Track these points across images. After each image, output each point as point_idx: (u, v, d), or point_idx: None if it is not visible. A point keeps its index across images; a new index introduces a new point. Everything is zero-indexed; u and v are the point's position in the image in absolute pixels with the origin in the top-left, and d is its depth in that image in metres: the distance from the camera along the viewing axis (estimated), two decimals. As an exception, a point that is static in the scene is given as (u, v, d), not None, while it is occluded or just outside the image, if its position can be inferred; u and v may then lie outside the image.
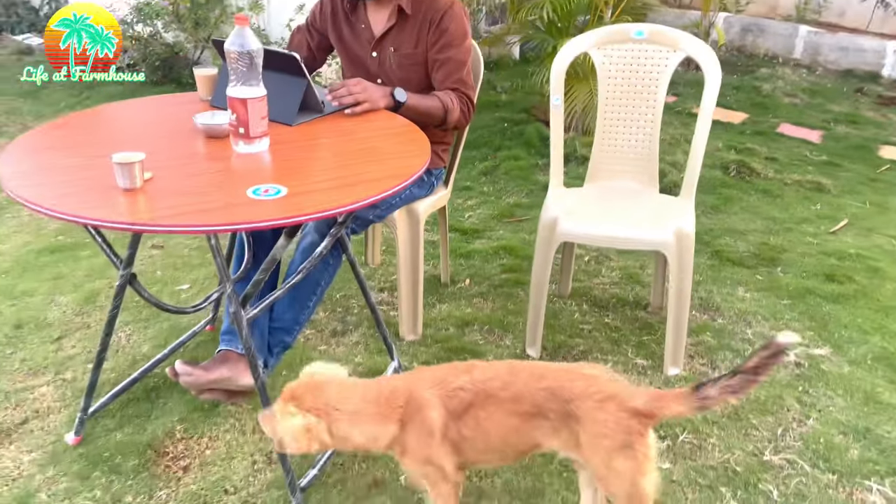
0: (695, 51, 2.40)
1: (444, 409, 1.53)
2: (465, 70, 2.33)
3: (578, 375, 1.55)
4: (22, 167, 1.70)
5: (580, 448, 1.52)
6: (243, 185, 1.61)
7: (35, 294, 2.77)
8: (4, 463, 1.98)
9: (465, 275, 2.99)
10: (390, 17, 2.30)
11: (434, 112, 2.27)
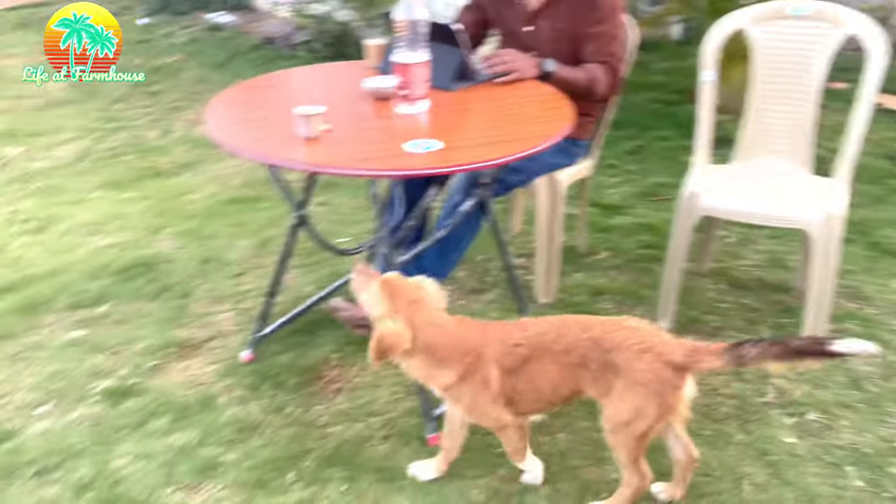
0: (859, 28, 2.33)
1: (501, 368, 1.65)
2: (615, 44, 2.41)
3: (621, 327, 1.64)
4: (220, 119, 2.01)
5: (609, 394, 1.61)
6: (402, 140, 1.82)
7: (219, 237, 3.17)
8: (192, 370, 2.34)
9: (602, 247, 3.07)
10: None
11: (581, 83, 2.37)
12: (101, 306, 2.66)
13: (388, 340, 1.61)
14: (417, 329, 1.63)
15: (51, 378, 2.29)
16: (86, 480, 1.92)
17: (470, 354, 1.66)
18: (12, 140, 4.22)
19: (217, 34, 6.45)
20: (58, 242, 3.10)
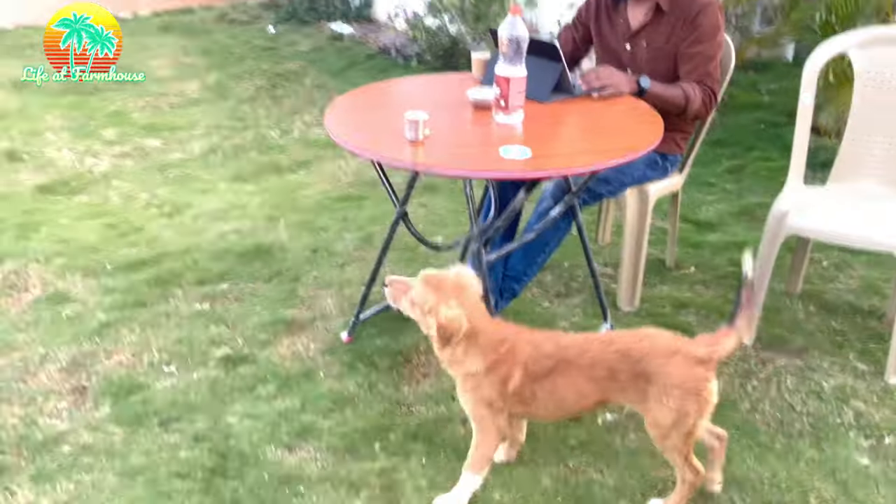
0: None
1: (526, 372, 1.75)
2: (713, 64, 2.48)
3: (644, 336, 1.74)
4: (338, 120, 2.25)
5: (646, 402, 1.70)
6: (498, 146, 1.99)
7: (328, 230, 3.45)
8: (297, 347, 2.59)
9: (691, 262, 3.12)
10: (647, 14, 2.52)
11: (675, 101, 2.45)
12: (222, 284, 2.97)
13: (450, 326, 1.72)
14: (468, 313, 1.74)
15: (177, 342, 2.60)
16: (202, 432, 2.19)
17: (503, 348, 1.76)
18: (153, 133, 4.69)
19: (337, 43, 6.85)
20: (188, 226, 3.47)
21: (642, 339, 1.74)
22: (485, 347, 1.76)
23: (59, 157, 4.26)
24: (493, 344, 1.76)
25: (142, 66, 6.15)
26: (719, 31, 2.49)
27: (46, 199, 3.74)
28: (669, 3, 2.47)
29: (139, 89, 5.58)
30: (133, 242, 3.30)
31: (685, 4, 2.47)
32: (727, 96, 4.88)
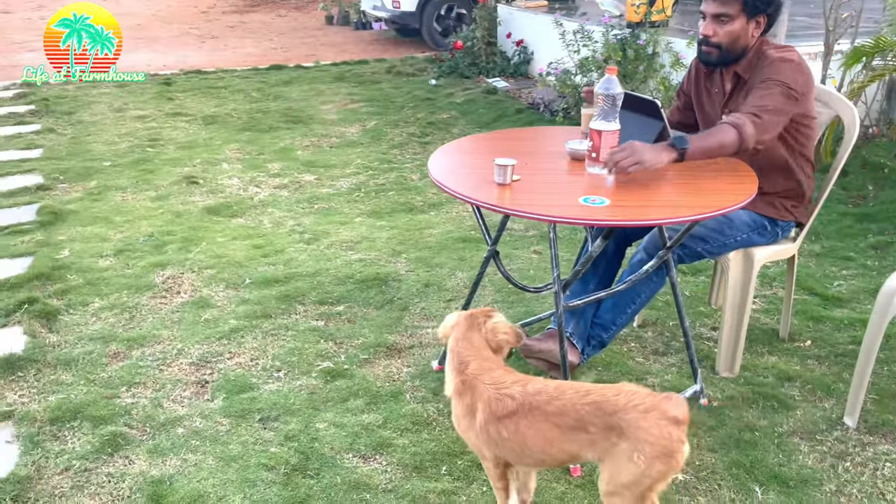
0: None
1: (489, 409, 1.77)
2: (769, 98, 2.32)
3: (619, 391, 1.68)
4: (441, 163, 2.45)
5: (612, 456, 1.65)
6: (579, 194, 2.09)
7: (444, 267, 3.65)
8: (391, 368, 2.79)
9: (808, 336, 2.97)
10: (731, 81, 2.51)
11: (727, 141, 2.27)
12: (339, 306, 3.26)
13: (442, 326, 1.99)
14: (458, 338, 1.92)
15: (289, 352, 2.89)
16: (293, 433, 2.43)
17: (464, 376, 1.85)
18: (310, 169, 5.20)
19: (490, 97, 7.18)
20: (321, 252, 3.82)
21: (619, 393, 1.71)
22: (454, 370, 1.90)
23: (228, 184, 4.85)
24: (457, 369, 1.88)
25: (312, 110, 6.85)
26: (790, 79, 2.35)
27: (210, 220, 4.27)
28: (747, 71, 2.45)
29: (307, 129, 6.21)
30: (272, 262, 3.69)
31: (758, 69, 2.42)
32: (886, 168, 4.61)
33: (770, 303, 3.24)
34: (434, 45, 9.57)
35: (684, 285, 3.43)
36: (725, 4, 2.40)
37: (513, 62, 8.03)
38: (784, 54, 2.44)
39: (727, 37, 2.44)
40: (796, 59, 2.43)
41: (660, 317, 3.14)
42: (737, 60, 2.48)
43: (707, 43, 2.48)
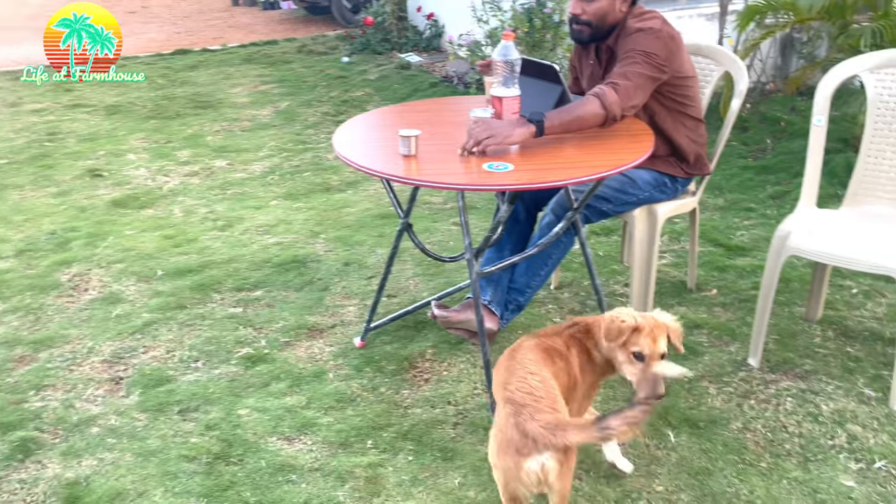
0: (981, 75, 2.24)
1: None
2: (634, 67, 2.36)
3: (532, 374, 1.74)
4: (346, 139, 2.43)
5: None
6: (484, 161, 2.10)
7: (363, 245, 3.63)
8: (313, 349, 2.77)
9: (714, 285, 3.11)
10: (604, 55, 2.58)
11: (589, 113, 2.27)
12: (257, 291, 3.20)
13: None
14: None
15: (206, 342, 2.83)
16: (214, 422, 2.38)
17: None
18: (222, 154, 5.06)
19: (405, 72, 7.13)
20: (236, 238, 3.74)
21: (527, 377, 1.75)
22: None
23: (135, 175, 4.67)
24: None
25: (222, 94, 6.65)
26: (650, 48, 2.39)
27: (118, 213, 4.11)
28: (615, 42, 2.51)
29: (216, 114, 6.03)
30: (185, 252, 3.59)
31: (624, 40, 2.46)
32: (782, 122, 4.84)
33: (678, 256, 3.37)
34: (345, 23, 9.41)
35: (598, 245, 3.53)
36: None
37: (424, 36, 7.98)
38: (643, 24, 2.46)
39: (595, 14, 2.47)
40: (655, 27, 2.44)
41: (575, 277, 3.22)
42: (608, 36, 2.53)
43: (577, 21, 2.51)
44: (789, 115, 4.86)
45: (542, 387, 1.72)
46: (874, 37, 3.68)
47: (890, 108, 2.44)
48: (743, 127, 4.80)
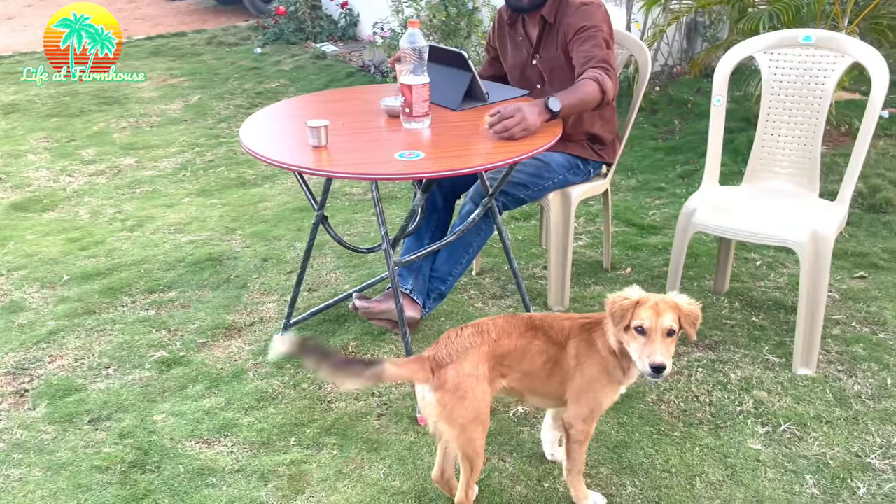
0: (862, 56, 2.38)
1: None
2: (607, 52, 2.46)
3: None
4: (255, 131, 2.36)
5: None
6: (396, 151, 2.09)
7: (282, 239, 3.56)
8: (232, 349, 2.70)
9: (628, 263, 3.20)
10: (538, 27, 2.61)
11: (590, 96, 2.37)
12: (171, 292, 3.10)
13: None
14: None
15: (118, 347, 2.72)
16: (128, 429, 2.29)
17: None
18: (129, 152, 4.86)
19: (320, 62, 7.01)
20: (147, 238, 3.60)
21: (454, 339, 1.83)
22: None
23: (36, 176, 4.43)
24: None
25: (128, 89, 6.38)
26: (603, 23, 2.50)
27: (18, 217, 3.89)
28: (553, 15, 2.56)
29: (123, 110, 5.78)
30: (92, 255, 3.43)
31: (564, 12, 2.53)
32: (689, 103, 5.01)
33: (594, 237, 3.45)
34: (256, 12, 9.17)
35: (517, 230, 3.57)
36: None
37: (340, 25, 7.87)
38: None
39: None
40: (597, 2, 2.54)
41: (496, 263, 3.25)
42: (543, 4, 2.57)
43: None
44: (695, 97, 5.03)
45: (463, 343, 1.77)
46: (771, 20, 3.83)
47: (783, 86, 2.55)
48: (653, 109, 4.94)
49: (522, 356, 1.82)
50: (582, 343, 1.83)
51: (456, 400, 1.72)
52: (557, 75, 2.60)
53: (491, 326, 1.82)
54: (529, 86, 2.69)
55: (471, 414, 1.73)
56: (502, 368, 1.81)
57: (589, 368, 1.83)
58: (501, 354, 1.80)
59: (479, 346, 1.77)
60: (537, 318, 1.88)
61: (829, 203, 2.46)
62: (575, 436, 1.85)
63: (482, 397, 1.75)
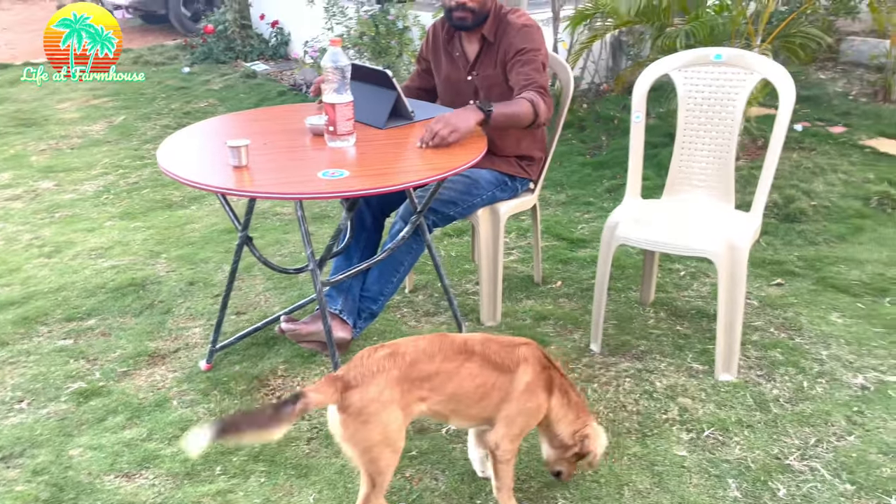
0: (769, 73, 2.49)
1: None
2: (542, 76, 2.54)
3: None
4: (174, 152, 2.31)
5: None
6: (319, 170, 2.07)
7: (210, 262, 3.48)
8: (155, 377, 2.61)
9: (558, 277, 3.24)
10: (477, 45, 2.65)
11: (524, 111, 2.43)
12: (90, 320, 2.98)
13: None
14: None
15: (32, 379, 2.59)
16: (42, 466, 2.18)
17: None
18: (48, 175, 4.68)
19: (251, 81, 6.92)
20: (66, 264, 3.46)
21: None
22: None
23: (-55, 202, 4.22)
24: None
25: (48, 111, 6.16)
26: (541, 46, 2.59)
27: (-76, 245, 3.69)
28: (493, 33, 2.61)
29: (42, 132, 5.58)
30: (6, 283, 3.28)
31: (504, 31, 2.59)
32: (616, 119, 5.14)
33: (525, 252, 3.49)
34: (184, 31, 9.01)
35: (450, 246, 3.58)
36: None
37: (271, 44, 7.80)
38: (524, 20, 2.60)
39: (479, 1, 2.55)
40: (536, 24, 2.62)
41: (429, 280, 3.25)
42: (484, 22, 2.60)
43: (463, 8, 2.56)
44: (621, 113, 5.16)
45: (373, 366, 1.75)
46: (687, 38, 3.98)
47: (697, 103, 2.65)
48: (581, 126, 5.05)
49: (448, 379, 1.81)
50: (538, 382, 1.86)
51: (358, 424, 1.70)
52: (495, 92, 2.63)
53: (409, 349, 1.79)
54: (463, 100, 2.70)
55: (375, 437, 1.72)
56: (421, 392, 1.78)
57: (533, 402, 1.86)
58: (419, 378, 1.78)
59: (388, 370, 1.74)
60: (475, 342, 1.86)
61: (743, 214, 2.55)
62: (501, 455, 1.86)
63: (388, 421, 1.73)
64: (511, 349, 1.87)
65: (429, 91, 2.89)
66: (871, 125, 4.89)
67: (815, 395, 2.37)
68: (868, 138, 4.72)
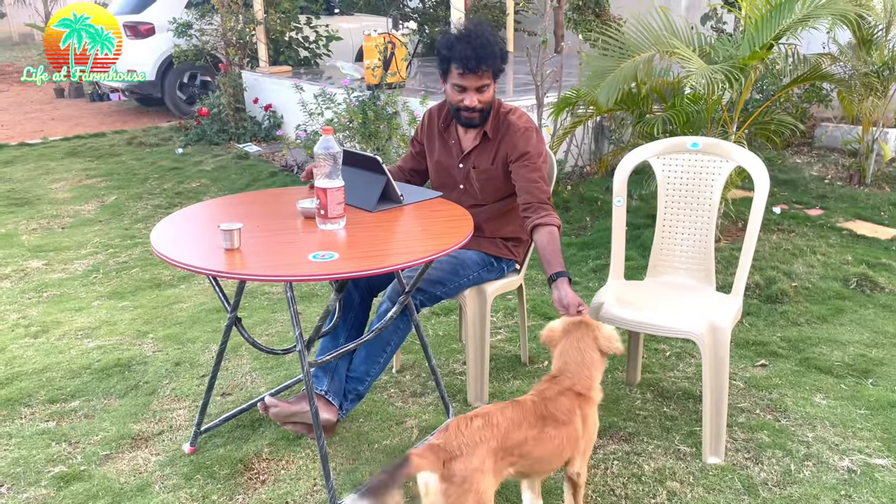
0: (744, 160, 2.60)
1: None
2: (546, 184, 2.67)
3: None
4: (166, 234, 2.36)
5: None
6: (310, 251, 2.12)
7: (196, 342, 3.47)
8: (137, 460, 2.57)
9: (545, 357, 3.26)
10: (476, 138, 2.76)
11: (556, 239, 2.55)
12: (74, 401, 2.95)
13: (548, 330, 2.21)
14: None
15: (13, 463, 2.54)
16: (18, 554, 2.13)
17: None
18: (38, 254, 4.70)
19: (243, 161, 7.07)
20: (52, 345, 3.44)
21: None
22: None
23: (-68, 281, 4.21)
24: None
25: (41, 190, 6.23)
26: (542, 150, 2.71)
27: None
28: (494, 130, 2.72)
29: (33, 211, 5.63)
30: (-10, 363, 3.25)
31: (507, 131, 2.70)
32: (599, 201, 5.27)
33: (512, 331, 3.51)
34: (179, 114, 9.25)
35: (438, 326, 3.60)
36: (483, 77, 2.61)
37: (263, 126, 8.01)
38: (525, 122, 2.72)
39: (487, 102, 2.67)
40: (536, 126, 2.75)
41: (416, 359, 3.25)
42: (486, 120, 2.72)
43: (473, 110, 2.66)
44: (604, 195, 5.31)
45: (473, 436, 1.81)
46: (665, 125, 4.15)
47: (676, 188, 2.74)
48: (566, 207, 5.18)
49: (535, 444, 1.92)
50: (584, 406, 2.02)
51: (461, 493, 1.76)
52: (490, 185, 2.74)
53: (500, 419, 1.88)
54: (452, 185, 2.80)
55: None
56: (512, 458, 1.88)
57: (592, 419, 2.06)
58: (511, 447, 1.87)
59: (487, 440, 1.82)
60: (543, 406, 1.98)
61: (724, 296, 2.61)
62: (583, 482, 2.08)
63: (485, 489, 1.80)
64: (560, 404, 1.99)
65: (420, 173, 2.98)
66: (847, 208, 5.05)
67: (802, 479, 2.37)
68: (845, 220, 4.87)
